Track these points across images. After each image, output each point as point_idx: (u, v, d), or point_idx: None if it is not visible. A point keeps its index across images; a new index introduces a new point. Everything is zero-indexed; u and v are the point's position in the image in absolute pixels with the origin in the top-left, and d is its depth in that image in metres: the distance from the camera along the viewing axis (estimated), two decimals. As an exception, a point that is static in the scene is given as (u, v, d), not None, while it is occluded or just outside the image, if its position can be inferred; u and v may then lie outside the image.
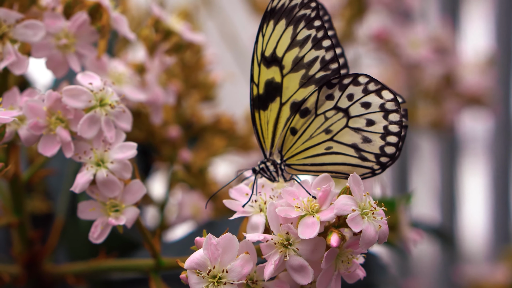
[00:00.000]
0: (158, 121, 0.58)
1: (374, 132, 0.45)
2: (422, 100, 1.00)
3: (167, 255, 0.51)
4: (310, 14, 0.44)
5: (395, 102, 0.44)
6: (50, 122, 0.47)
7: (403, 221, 0.58)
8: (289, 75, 0.45)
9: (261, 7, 0.96)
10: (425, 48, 0.92)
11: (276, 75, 0.45)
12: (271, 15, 0.45)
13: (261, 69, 0.45)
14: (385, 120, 0.44)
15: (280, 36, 0.45)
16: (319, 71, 0.44)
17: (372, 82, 0.44)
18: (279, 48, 0.45)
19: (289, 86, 0.44)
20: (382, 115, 0.44)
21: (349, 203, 0.42)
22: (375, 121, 0.45)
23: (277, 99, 0.44)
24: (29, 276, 0.56)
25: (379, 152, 0.45)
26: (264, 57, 0.45)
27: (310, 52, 0.45)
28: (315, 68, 0.44)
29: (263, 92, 0.45)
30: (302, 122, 0.45)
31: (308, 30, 0.44)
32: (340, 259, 0.44)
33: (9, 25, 0.49)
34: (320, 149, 0.46)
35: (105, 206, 0.47)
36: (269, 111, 0.45)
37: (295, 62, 0.45)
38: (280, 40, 0.45)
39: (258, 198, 0.46)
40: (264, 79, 0.45)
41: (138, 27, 0.73)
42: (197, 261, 0.42)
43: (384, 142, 0.45)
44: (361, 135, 0.45)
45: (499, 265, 1.06)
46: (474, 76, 0.98)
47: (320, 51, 0.44)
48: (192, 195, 0.67)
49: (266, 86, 0.45)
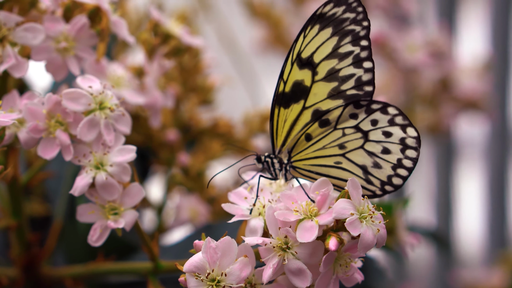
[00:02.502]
0: (157, 124, 0.58)
1: (387, 161, 0.45)
2: (419, 104, 1.00)
3: (165, 258, 0.51)
4: (360, 32, 0.44)
5: (417, 140, 0.44)
6: (50, 125, 0.47)
7: (400, 225, 0.58)
8: (320, 82, 0.45)
9: (259, 11, 0.96)
10: (422, 52, 0.92)
11: (306, 79, 0.45)
12: (319, 19, 0.44)
13: (293, 68, 0.45)
14: (401, 153, 0.45)
15: (322, 43, 0.45)
16: (351, 88, 0.45)
17: (401, 116, 0.44)
18: (318, 54, 0.45)
19: (317, 93, 0.44)
20: (400, 148, 0.45)
21: (348, 207, 0.43)
22: (392, 151, 0.45)
23: (301, 102, 0.44)
24: (27, 279, 0.56)
25: (385, 180, 0.45)
26: (299, 57, 0.45)
27: (348, 68, 0.45)
28: (348, 85, 0.45)
29: (289, 90, 0.45)
30: (320, 131, 0.45)
31: (352, 46, 0.44)
32: (338, 263, 0.44)
33: (9, 28, 0.49)
34: (329, 161, 0.46)
35: (104, 209, 0.47)
36: (290, 110, 0.45)
37: (330, 72, 0.45)
38: (321, 47, 0.45)
39: (256, 202, 0.46)
40: (294, 78, 0.45)
41: (137, 31, 0.73)
42: (196, 264, 0.43)
43: (393, 173, 0.45)
44: (373, 159, 0.45)
45: (495, 269, 1.06)
46: (470, 81, 0.99)
47: (358, 69, 0.44)
48: (190, 199, 0.67)
49: (294, 86, 0.45)
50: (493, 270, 1.06)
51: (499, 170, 1.26)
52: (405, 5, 0.91)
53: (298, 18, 0.95)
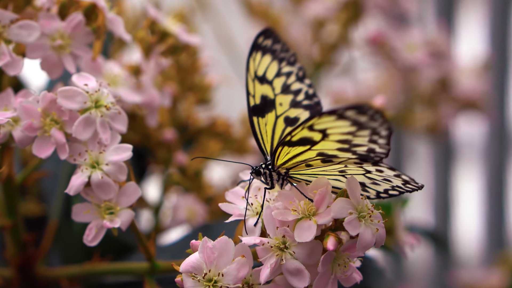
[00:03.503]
0: (154, 123, 0.58)
1: (386, 183, 0.46)
2: (417, 104, 1.00)
3: (162, 258, 0.51)
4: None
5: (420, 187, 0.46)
6: (45, 124, 0.47)
7: (399, 225, 0.58)
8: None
9: (257, 10, 0.96)
10: (421, 52, 0.91)
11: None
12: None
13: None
14: (402, 185, 0.46)
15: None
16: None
17: (407, 176, 0.46)
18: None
19: (326, 145, 0.45)
20: (402, 183, 0.46)
21: (346, 206, 0.42)
22: (392, 182, 0.45)
23: (307, 146, 0.45)
24: (22, 279, 0.56)
25: (382, 191, 0.46)
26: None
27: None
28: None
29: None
30: (322, 165, 0.45)
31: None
32: (337, 263, 0.43)
33: (4, 26, 0.48)
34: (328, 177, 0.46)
35: (100, 208, 0.47)
36: (294, 149, 0.46)
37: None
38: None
39: (254, 201, 0.46)
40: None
41: (134, 29, 0.73)
42: (192, 264, 0.42)
43: (391, 187, 0.46)
44: (373, 181, 0.46)
45: (493, 269, 1.06)
46: (469, 81, 0.98)
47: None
48: (187, 198, 0.67)
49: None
50: (492, 271, 1.06)
51: (498, 170, 1.25)
52: (404, 4, 0.91)
53: (296, 17, 0.95)
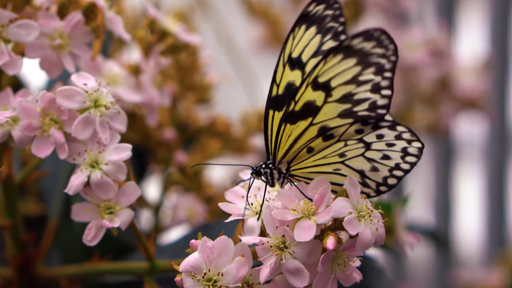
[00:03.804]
0: (153, 123, 0.58)
1: (385, 165, 0.45)
2: (418, 103, 1.00)
3: (162, 258, 0.51)
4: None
5: (419, 149, 0.45)
6: (44, 123, 0.47)
7: (399, 224, 0.58)
8: (333, 103, 0.44)
9: (257, 9, 0.96)
10: (421, 51, 0.92)
11: (319, 99, 0.44)
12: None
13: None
14: (401, 159, 0.45)
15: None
16: (364, 110, 0.44)
17: (409, 133, 0.44)
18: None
19: (328, 112, 0.44)
20: (401, 155, 0.45)
21: (346, 206, 0.42)
22: (392, 157, 0.45)
23: (309, 119, 0.44)
24: (21, 279, 0.56)
25: (381, 181, 0.46)
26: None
27: (364, 93, 0.44)
28: (361, 107, 0.44)
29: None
30: (323, 145, 0.45)
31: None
32: (337, 262, 0.43)
33: (3, 25, 0.48)
34: (328, 168, 0.46)
35: (99, 208, 0.47)
36: (296, 126, 0.45)
37: (345, 96, 0.44)
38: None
39: (254, 201, 0.46)
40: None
41: (134, 28, 0.73)
42: (192, 264, 0.42)
43: (389, 174, 0.45)
44: (372, 164, 0.45)
45: (494, 269, 1.06)
46: (470, 80, 0.98)
47: (375, 95, 0.44)
48: (187, 198, 0.67)
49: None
50: (492, 270, 1.06)
51: (498, 170, 1.25)
52: (404, 4, 0.91)
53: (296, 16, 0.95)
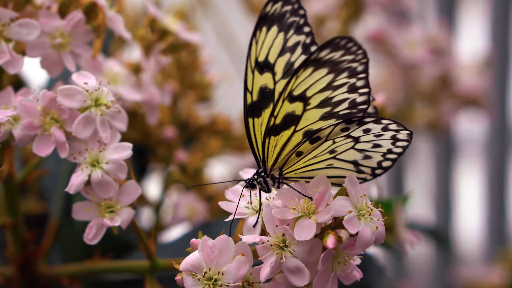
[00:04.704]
0: (154, 121, 0.58)
1: (377, 152, 0.45)
2: (418, 101, 1.00)
3: (163, 256, 0.51)
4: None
5: (408, 135, 0.45)
6: (45, 122, 0.47)
7: (400, 222, 0.58)
8: (313, 110, 0.44)
9: (257, 7, 0.96)
10: (422, 49, 0.91)
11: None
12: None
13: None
14: (392, 145, 0.45)
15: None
16: (345, 109, 0.44)
17: (395, 124, 0.45)
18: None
19: (309, 118, 0.44)
20: (391, 142, 0.45)
21: (346, 205, 0.42)
22: (382, 145, 0.45)
23: (292, 128, 0.44)
24: (23, 278, 0.56)
25: (376, 166, 0.46)
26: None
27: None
28: (342, 107, 0.44)
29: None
30: (310, 147, 0.45)
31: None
32: (337, 261, 0.43)
33: (4, 24, 0.48)
34: (321, 165, 0.46)
35: (100, 207, 0.47)
36: (281, 136, 0.45)
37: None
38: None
39: (254, 200, 0.46)
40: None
41: (134, 27, 0.73)
42: (192, 263, 0.42)
43: (383, 158, 0.45)
44: (364, 154, 0.45)
45: (495, 266, 1.06)
46: (470, 77, 0.98)
47: (353, 94, 0.44)
48: (187, 196, 0.67)
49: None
50: (493, 267, 1.06)
51: (499, 167, 1.25)
52: (404, 1, 0.91)
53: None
